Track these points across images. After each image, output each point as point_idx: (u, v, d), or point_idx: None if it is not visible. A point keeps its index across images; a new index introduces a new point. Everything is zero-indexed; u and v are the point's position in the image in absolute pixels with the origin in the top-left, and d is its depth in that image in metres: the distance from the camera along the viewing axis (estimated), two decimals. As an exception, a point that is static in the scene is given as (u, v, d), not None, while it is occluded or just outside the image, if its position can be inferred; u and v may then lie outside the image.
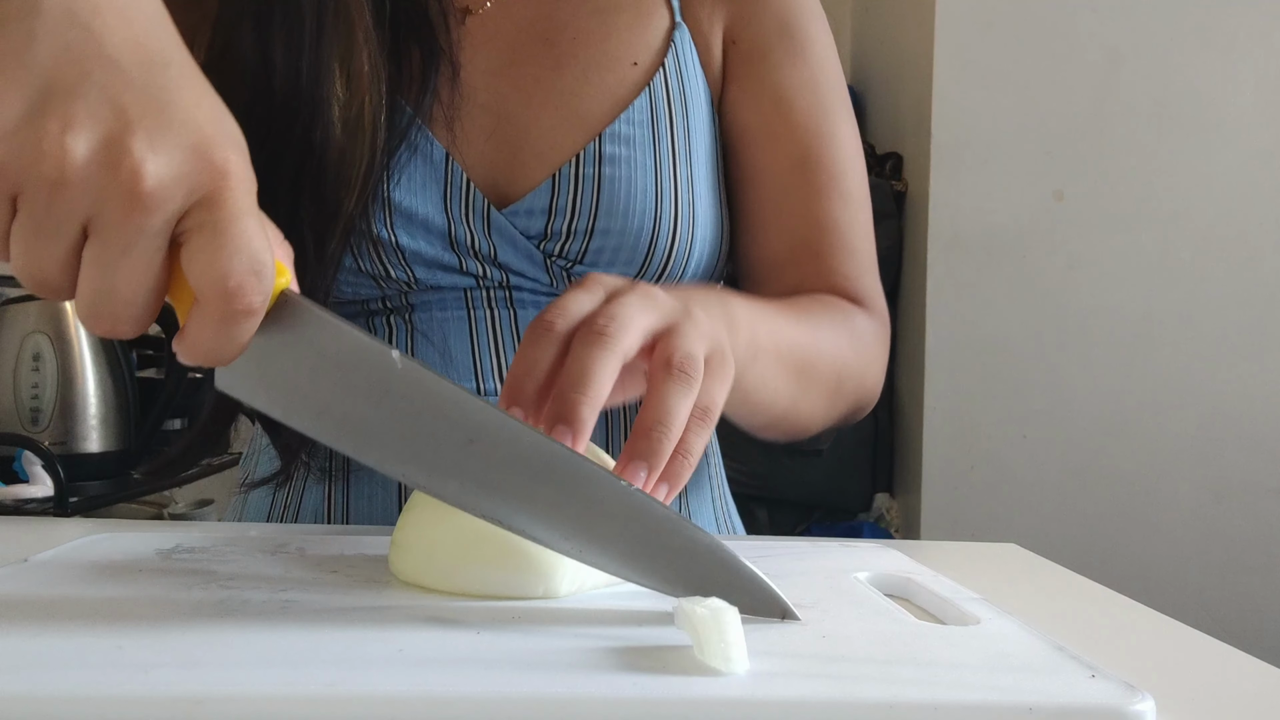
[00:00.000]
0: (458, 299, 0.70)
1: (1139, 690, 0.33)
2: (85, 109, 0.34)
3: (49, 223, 0.35)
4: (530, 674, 0.33)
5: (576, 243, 0.69)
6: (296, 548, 0.54)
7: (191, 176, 0.35)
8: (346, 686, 0.32)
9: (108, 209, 0.34)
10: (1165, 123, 1.96)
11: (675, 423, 0.46)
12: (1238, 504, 1.96)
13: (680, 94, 0.74)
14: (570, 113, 0.71)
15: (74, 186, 0.34)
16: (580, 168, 0.69)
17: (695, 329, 0.48)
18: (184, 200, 0.35)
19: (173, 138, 0.35)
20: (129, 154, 0.34)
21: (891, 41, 2.22)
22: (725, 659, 0.34)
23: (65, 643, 0.36)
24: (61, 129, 0.34)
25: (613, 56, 0.73)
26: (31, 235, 0.35)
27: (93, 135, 0.34)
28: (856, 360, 0.73)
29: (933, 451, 2.00)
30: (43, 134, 0.34)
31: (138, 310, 0.36)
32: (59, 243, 0.35)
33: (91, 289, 0.36)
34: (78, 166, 0.34)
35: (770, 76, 0.76)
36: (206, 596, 0.42)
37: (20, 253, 0.36)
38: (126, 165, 0.34)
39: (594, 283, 0.50)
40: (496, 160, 0.70)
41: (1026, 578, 0.61)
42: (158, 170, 0.34)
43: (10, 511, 1.19)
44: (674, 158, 0.72)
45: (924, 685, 0.34)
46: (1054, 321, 1.98)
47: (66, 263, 0.36)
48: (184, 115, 0.36)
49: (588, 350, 0.45)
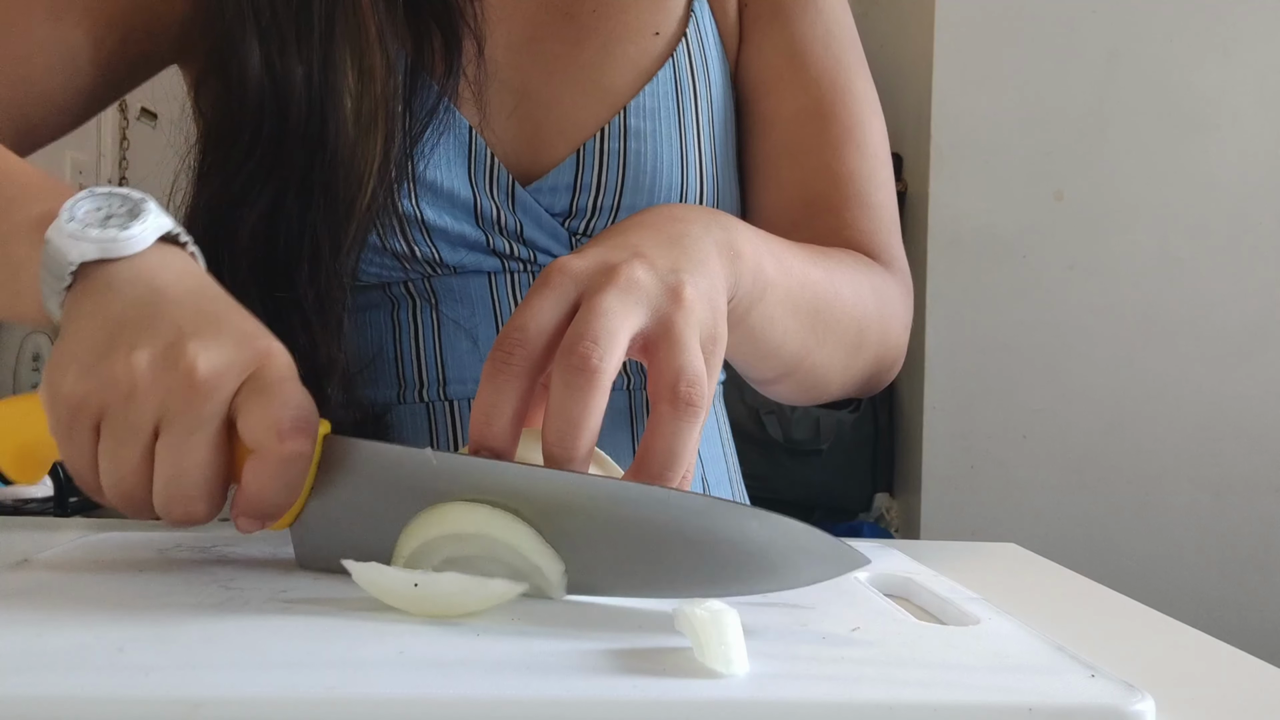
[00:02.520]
0: (482, 285, 0.68)
1: (1139, 690, 0.33)
2: (149, 334, 0.41)
3: (126, 431, 0.40)
4: (530, 676, 0.33)
5: (602, 219, 0.67)
6: (296, 548, 0.54)
7: (239, 362, 0.40)
8: (346, 688, 0.32)
9: (172, 401, 0.40)
10: (1165, 123, 1.96)
11: (684, 463, 0.43)
12: (1238, 503, 1.96)
13: (703, 64, 0.72)
14: (593, 86, 0.69)
15: (142, 392, 0.39)
16: (605, 143, 0.68)
17: (687, 321, 0.44)
18: (235, 381, 0.40)
19: (222, 338, 0.41)
20: (185, 354, 0.40)
21: (891, 41, 2.22)
22: (725, 660, 0.34)
23: (65, 643, 0.35)
24: (129, 351, 0.40)
25: (634, 28, 0.71)
26: (114, 447, 0.40)
27: (154, 348, 0.40)
28: (879, 311, 0.67)
29: (933, 451, 2.00)
30: (115, 360, 0.40)
31: (207, 490, 0.41)
32: (135, 446, 0.40)
33: (165, 478, 0.40)
34: (144, 374, 0.40)
35: (785, 30, 0.73)
36: (206, 597, 0.42)
37: (106, 470, 0.41)
38: (184, 363, 0.40)
39: (560, 278, 0.44)
40: (520, 137, 0.68)
41: (1026, 578, 0.61)
42: (209, 361, 0.40)
43: (10, 511, 1.19)
44: (698, 128, 0.70)
45: (924, 685, 0.34)
46: (1054, 321, 1.98)
47: (142, 466, 0.41)
48: (231, 324, 0.42)
49: (572, 396, 0.41)
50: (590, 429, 0.42)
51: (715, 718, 0.32)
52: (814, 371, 0.64)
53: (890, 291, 0.70)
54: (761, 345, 0.58)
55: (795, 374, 0.63)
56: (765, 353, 0.59)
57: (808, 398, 0.68)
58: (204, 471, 0.41)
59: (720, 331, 0.47)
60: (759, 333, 0.56)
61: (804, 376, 0.64)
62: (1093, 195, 1.97)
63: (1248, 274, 1.96)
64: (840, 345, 0.64)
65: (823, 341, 0.62)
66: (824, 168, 0.72)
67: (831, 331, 0.62)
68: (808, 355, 0.62)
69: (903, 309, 0.72)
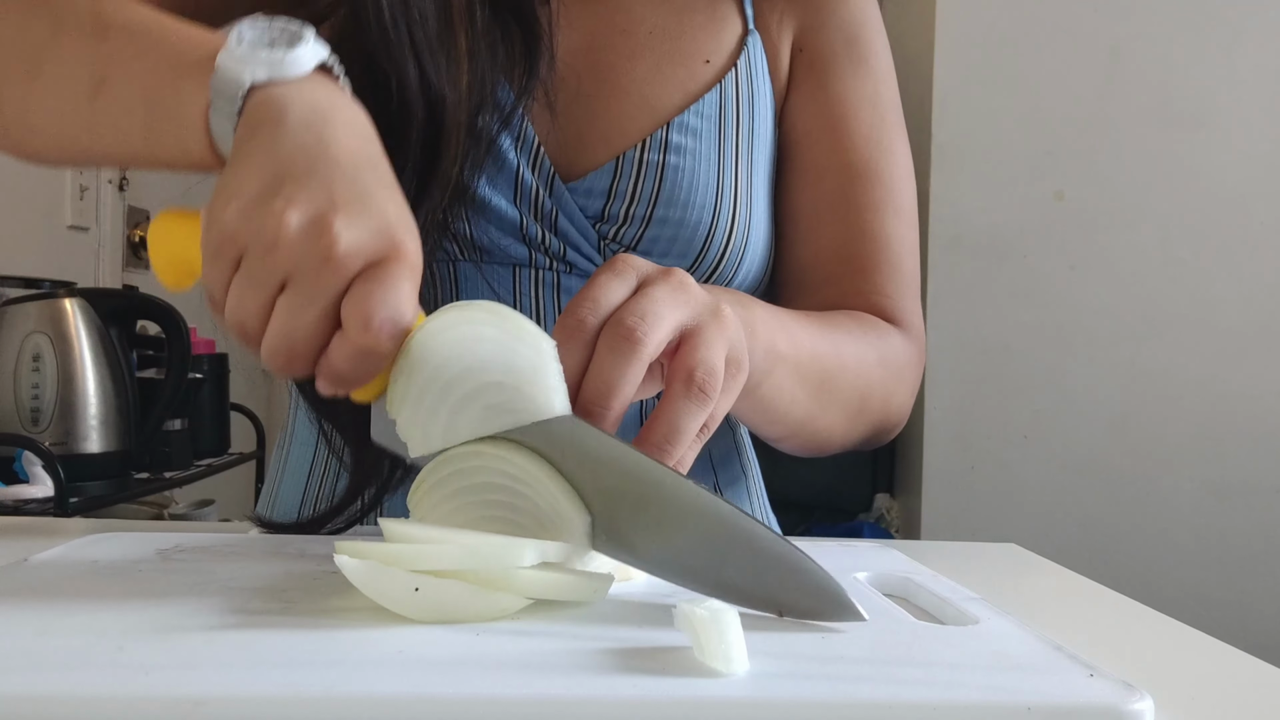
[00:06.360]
0: (507, 277, 0.69)
1: (1138, 690, 0.33)
2: (306, 194, 0.42)
3: (259, 277, 0.42)
4: (530, 675, 0.33)
5: (633, 228, 0.68)
6: (296, 548, 0.54)
7: (372, 249, 0.42)
8: (346, 687, 0.32)
9: (305, 267, 0.41)
10: (1165, 123, 1.96)
11: (684, 442, 0.46)
12: (1238, 503, 1.96)
13: (749, 98, 0.74)
14: (641, 100, 0.71)
15: (283, 249, 0.41)
16: (645, 153, 0.69)
17: (720, 332, 0.48)
18: (362, 264, 0.42)
19: (366, 220, 0.42)
20: (329, 228, 0.41)
21: (891, 42, 2.21)
22: (725, 659, 0.34)
23: (65, 643, 0.36)
24: (285, 206, 0.42)
25: (686, 53, 0.73)
26: (244, 286, 0.43)
27: (306, 212, 0.42)
28: (883, 380, 0.71)
29: (933, 452, 2.00)
30: (270, 209, 0.42)
31: (307, 351, 0.43)
32: (262, 292, 0.42)
33: (277, 330, 0.42)
34: (288, 233, 0.41)
35: (834, 85, 0.76)
36: (206, 597, 0.42)
37: (234, 302, 0.43)
38: (326, 237, 0.41)
39: (625, 266, 0.49)
40: (564, 139, 0.70)
41: (1026, 578, 0.61)
42: (347, 242, 0.41)
43: (10, 512, 1.19)
44: (737, 158, 0.72)
45: (923, 685, 0.34)
46: (1054, 321, 1.98)
47: (263, 310, 0.43)
48: (378, 206, 0.43)
49: (614, 360, 0.45)
50: (624, 394, 0.45)
51: (715, 717, 0.32)
52: (817, 434, 0.68)
53: (900, 358, 0.73)
54: (770, 412, 0.62)
55: (800, 435, 0.67)
56: (774, 418, 0.63)
57: (810, 453, 0.72)
58: (310, 336, 0.42)
59: (744, 361, 0.50)
60: (768, 401, 0.60)
61: (808, 438, 0.68)
62: (1093, 195, 1.97)
63: (1248, 274, 1.96)
64: (843, 412, 0.68)
65: (826, 409, 0.66)
66: (864, 229, 0.74)
67: (835, 400, 0.67)
68: (812, 421, 0.66)
69: (911, 375, 0.75)
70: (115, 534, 0.57)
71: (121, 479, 1.40)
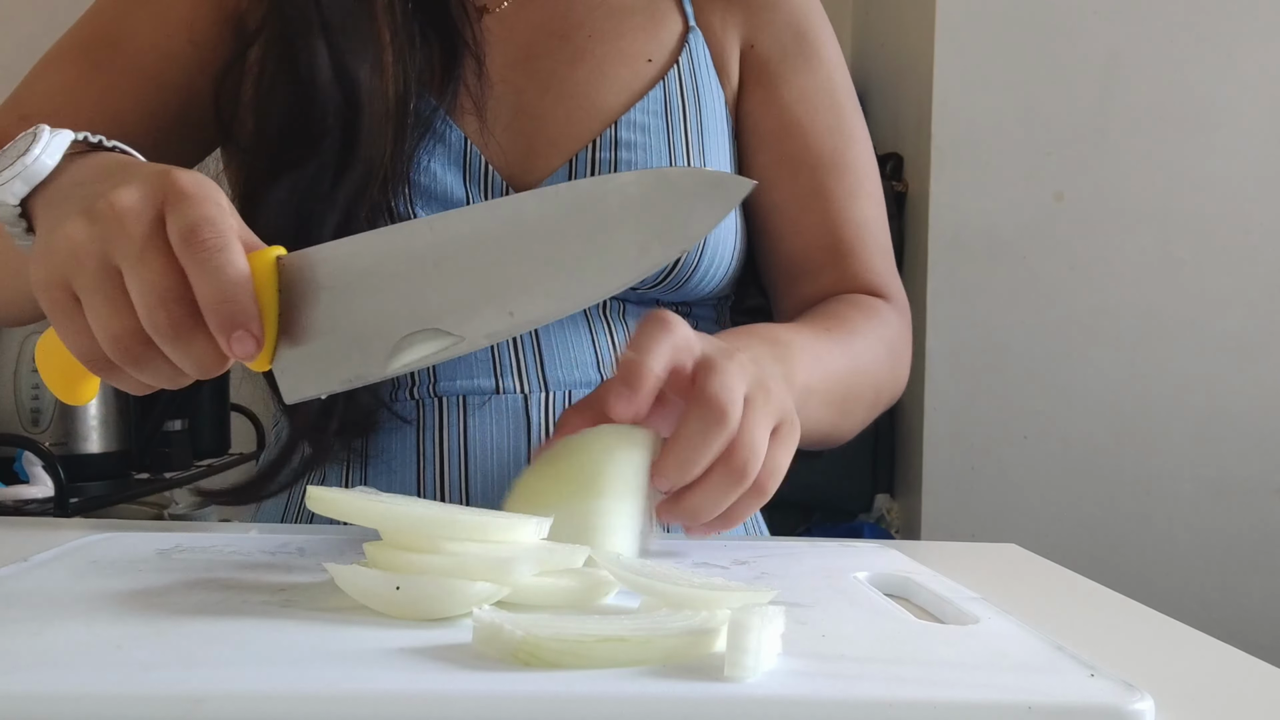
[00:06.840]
0: None
1: (1138, 689, 0.33)
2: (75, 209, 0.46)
3: (93, 284, 0.44)
4: (530, 674, 0.33)
5: None
6: (296, 548, 0.54)
7: (151, 189, 0.45)
8: (346, 685, 0.32)
9: (111, 240, 0.44)
10: (1165, 123, 1.96)
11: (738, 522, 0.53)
12: (1238, 503, 1.95)
13: (694, 93, 0.75)
14: (586, 103, 0.72)
15: (84, 247, 0.44)
16: (597, 153, 0.70)
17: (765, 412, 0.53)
18: (154, 205, 0.44)
19: (130, 179, 0.46)
20: (103, 202, 0.44)
21: (891, 41, 2.22)
22: (755, 665, 0.34)
23: (65, 642, 0.36)
24: (66, 228, 0.45)
25: (627, 53, 0.74)
26: (92, 305, 0.45)
27: (81, 215, 0.45)
28: (891, 368, 0.77)
29: (933, 452, 2.00)
30: (57, 240, 0.45)
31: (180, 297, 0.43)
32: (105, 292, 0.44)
33: (144, 308, 0.44)
34: (80, 233, 0.44)
35: (792, 82, 0.78)
36: (206, 596, 0.42)
37: (96, 329, 0.45)
38: (104, 208, 0.44)
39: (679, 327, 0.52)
40: (514, 150, 0.71)
41: (1026, 578, 0.61)
42: (124, 196, 0.44)
43: (10, 512, 1.19)
44: (688, 151, 0.73)
45: (923, 684, 0.34)
46: (1054, 322, 1.98)
47: (120, 307, 0.44)
48: (138, 169, 0.47)
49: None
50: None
51: (717, 717, 0.32)
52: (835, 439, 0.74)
53: (898, 336, 0.78)
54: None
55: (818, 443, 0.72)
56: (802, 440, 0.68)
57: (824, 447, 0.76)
58: (169, 286, 0.43)
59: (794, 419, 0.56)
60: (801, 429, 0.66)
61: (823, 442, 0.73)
62: (1093, 195, 1.97)
63: (1248, 274, 1.96)
64: (859, 415, 0.74)
65: (847, 416, 0.72)
66: (844, 217, 0.78)
67: (856, 406, 0.73)
68: (834, 430, 0.72)
69: (905, 346, 0.81)
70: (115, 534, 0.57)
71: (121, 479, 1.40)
